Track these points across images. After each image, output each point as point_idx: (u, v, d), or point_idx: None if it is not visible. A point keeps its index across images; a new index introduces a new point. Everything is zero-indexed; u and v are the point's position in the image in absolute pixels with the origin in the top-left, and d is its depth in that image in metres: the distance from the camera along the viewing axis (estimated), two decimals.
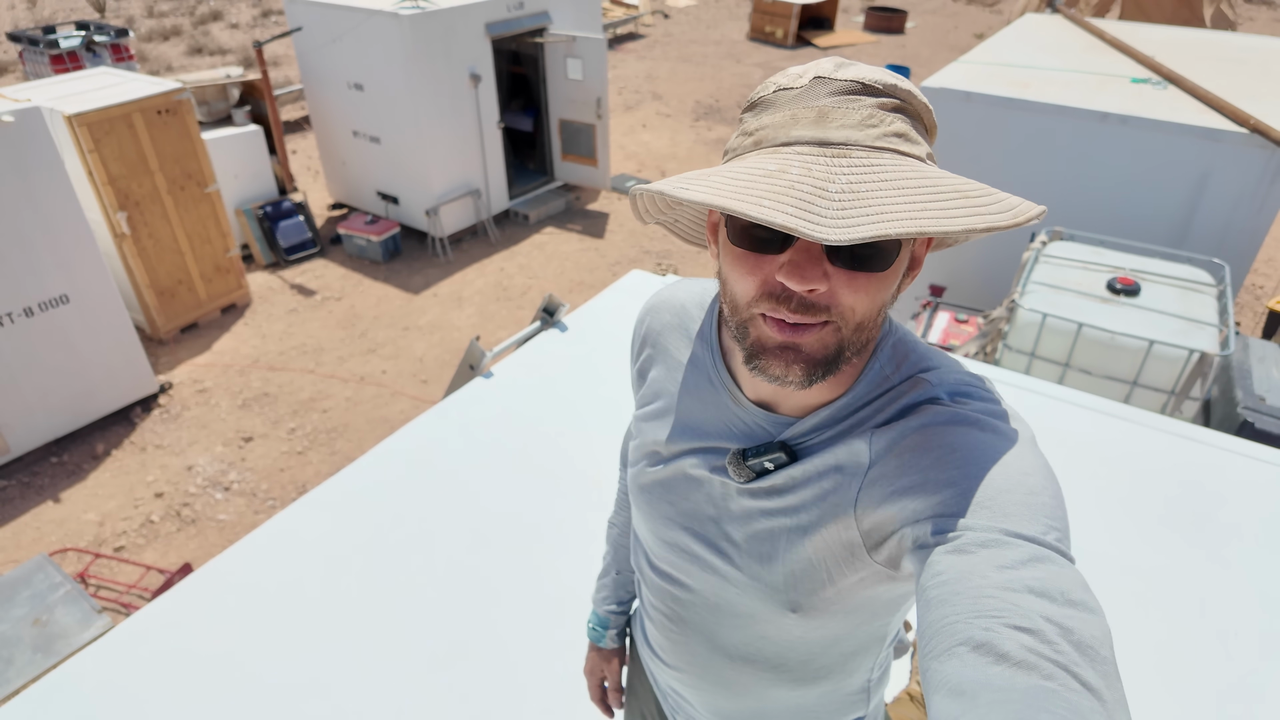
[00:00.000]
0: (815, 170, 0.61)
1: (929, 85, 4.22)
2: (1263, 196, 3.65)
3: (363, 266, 7.05)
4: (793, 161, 0.62)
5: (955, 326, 3.93)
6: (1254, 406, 2.91)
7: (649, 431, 0.93)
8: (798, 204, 0.58)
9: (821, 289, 0.65)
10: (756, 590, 0.83)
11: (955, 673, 0.53)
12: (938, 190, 0.60)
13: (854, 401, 0.76)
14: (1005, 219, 0.59)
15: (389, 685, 1.62)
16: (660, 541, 0.93)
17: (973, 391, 0.74)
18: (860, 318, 0.67)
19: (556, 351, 2.62)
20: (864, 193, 0.59)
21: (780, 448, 0.77)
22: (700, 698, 1.00)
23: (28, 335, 4.56)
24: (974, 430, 0.68)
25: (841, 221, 0.56)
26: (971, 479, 0.64)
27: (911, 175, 0.61)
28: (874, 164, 0.62)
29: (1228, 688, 1.60)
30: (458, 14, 6.47)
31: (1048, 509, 0.63)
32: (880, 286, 0.67)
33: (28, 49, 8.41)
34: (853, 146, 0.63)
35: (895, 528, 0.69)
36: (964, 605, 0.56)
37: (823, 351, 0.68)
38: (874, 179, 0.60)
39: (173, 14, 15.49)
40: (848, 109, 0.65)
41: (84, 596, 3.18)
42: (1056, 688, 0.50)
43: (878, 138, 0.64)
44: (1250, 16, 15.54)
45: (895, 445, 0.71)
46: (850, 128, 0.64)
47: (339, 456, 4.89)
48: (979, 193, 0.61)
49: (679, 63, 12.72)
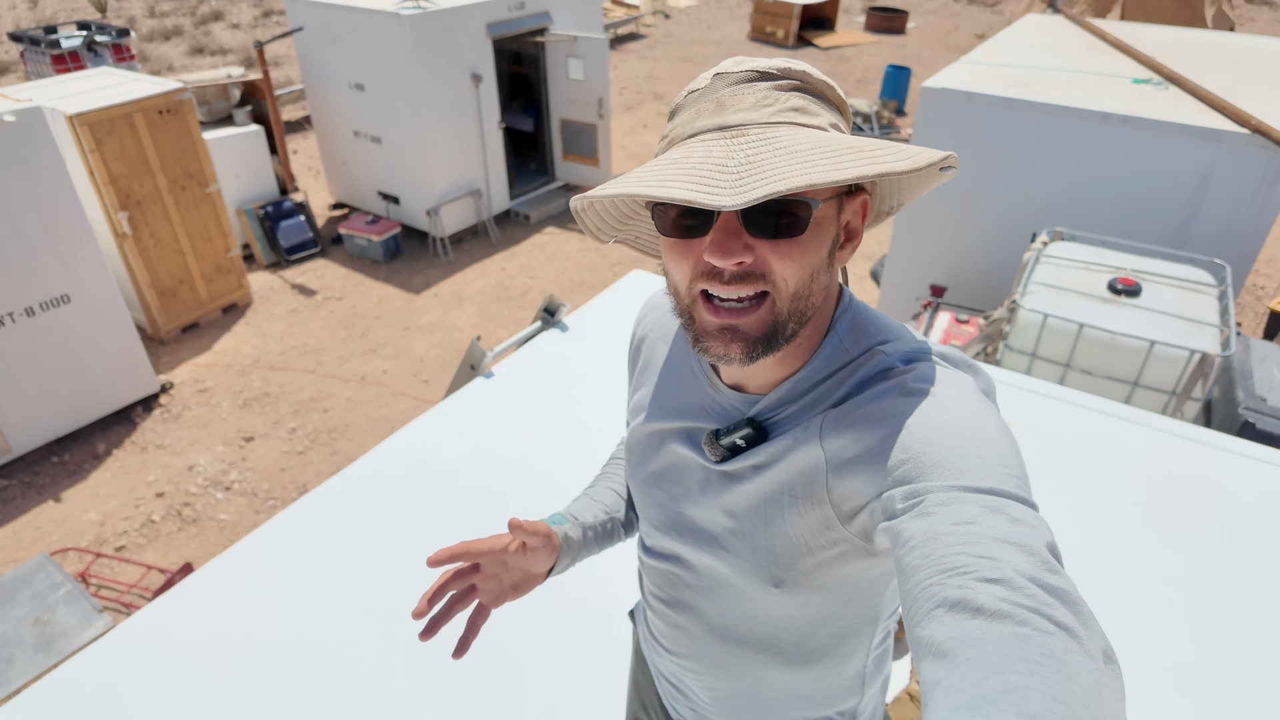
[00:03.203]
0: (715, 151, 0.66)
1: (930, 85, 4.22)
2: (1264, 197, 3.65)
3: (364, 266, 7.05)
4: (695, 148, 0.68)
5: (956, 327, 3.93)
6: (1255, 407, 2.91)
7: (640, 424, 0.97)
8: (698, 181, 0.63)
9: (747, 260, 0.69)
10: (742, 565, 0.85)
11: (935, 634, 0.54)
12: (831, 149, 0.65)
13: (813, 374, 0.79)
14: (902, 165, 0.63)
15: (389, 685, 1.62)
16: (654, 525, 0.97)
17: (926, 355, 0.77)
18: (794, 286, 0.71)
19: (557, 352, 2.62)
20: (759, 162, 0.64)
21: (748, 424, 0.81)
22: (700, 683, 1.02)
23: (29, 335, 4.56)
24: (923, 396, 0.71)
25: (739, 188, 0.61)
26: (925, 443, 0.67)
27: (806, 140, 0.66)
28: (770, 136, 0.67)
29: (1228, 688, 1.60)
30: (459, 14, 6.48)
31: (1001, 458, 0.65)
32: (804, 252, 0.70)
33: (29, 49, 8.42)
34: (750, 126, 0.69)
35: (863, 502, 0.72)
36: (935, 567, 0.57)
37: (760, 329, 0.72)
38: (770, 149, 0.65)
39: (174, 14, 15.50)
40: (743, 94, 0.70)
41: (85, 596, 3.18)
42: (1030, 632, 0.51)
43: (773, 114, 0.69)
44: (1251, 17, 15.53)
45: (854, 417, 0.74)
46: (746, 110, 0.70)
47: (340, 456, 4.89)
48: (876, 147, 0.66)
49: (680, 63, 12.72)
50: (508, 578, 0.97)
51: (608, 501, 1.13)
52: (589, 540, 1.07)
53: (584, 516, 1.07)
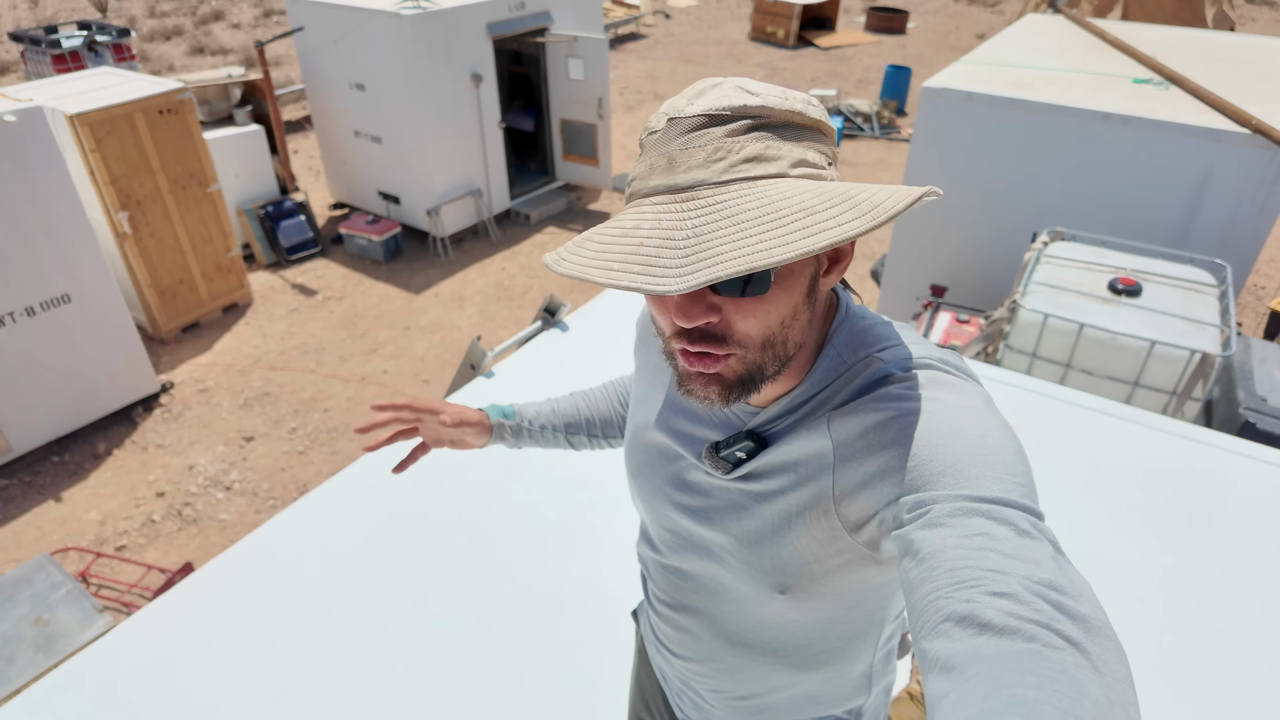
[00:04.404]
0: (665, 221, 0.65)
1: (930, 85, 4.22)
2: (1264, 197, 3.65)
3: (364, 266, 7.05)
4: (647, 215, 0.67)
5: (956, 327, 3.93)
6: (1255, 407, 2.91)
7: (640, 426, 0.98)
8: (643, 262, 0.62)
9: (714, 319, 0.69)
10: (747, 573, 0.86)
11: (943, 649, 0.54)
12: (780, 216, 0.62)
13: (812, 387, 0.79)
14: (857, 224, 0.61)
15: (389, 685, 1.62)
16: (658, 530, 0.97)
17: (924, 363, 0.76)
18: (762, 338, 0.71)
19: (558, 351, 2.62)
20: (706, 234, 0.62)
21: (748, 436, 0.81)
22: (707, 685, 1.02)
23: (29, 334, 4.56)
24: (926, 402, 0.71)
25: (684, 269, 0.60)
26: (931, 450, 0.67)
27: (754, 205, 0.63)
28: (719, 201, 0.64)
29: (1229, 688, 1.60)
30: (459, 14, 6.48)
31: (1008, 466, 0.64)
32: (769, 308, 0.69)
33: (30, 49, 8.42)
34: (701, 187, 0.66)
35: (871, 512, 0.72)
36: (943, 580, 0.57)
37: (735, 375, 0.72)
38: (717, 218, 0.63)
39: (174, 14, 15.50)
40: (694, 150, 0.67)
41: (85, 596, 3.19)
42: (1039, 648, 0.51)
43: (724, 170, 0.66)
44: (1251, 17, 15.52)
45: (855, 426, 0.74)
46: (696, 168, 0.67)
47: (340, 456, 4.89)
48: (838, 198, 0.63)
49: (680, 63, 12.72)
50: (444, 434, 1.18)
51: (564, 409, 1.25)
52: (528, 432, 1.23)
53: (528, 412, 1.24)
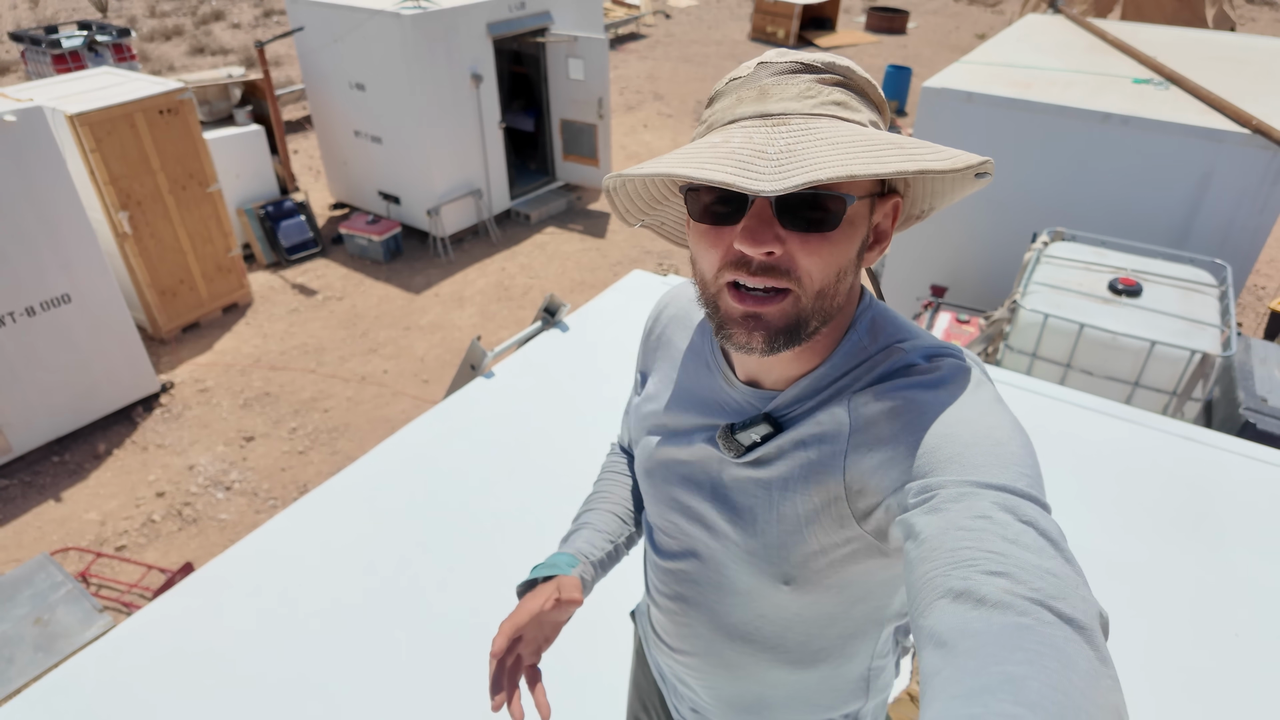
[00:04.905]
0: (755, 138, 0.66)
1: (930, 85, 4.22)
2: (1264, 197, 3.65)
3: (364, 266, 7.05)
4: (735, 134, 0.68)
5: (957, 327, 3.93)
6: (1256, 407, 2.91)
7: (652, 415, 0.97)
8: (737, 164, 0.63)
9: (777, 251, 0.68)
10: (753, 564, 0.85)
11: (937, 624, 0.54)
12: (871, 143, 0.65)
13: (832, 371, 0.79)
14: (941, 164, 0.63)
15: (389, 685, 1.62)
16: (665, 520, 0.96)
17: (944, 354, 0.77)
18: (819, 283, 0.71)
19: (558, 352, 2.62)
20: (799, 151, 0.64)
21: (765, 419, 0.81)
22: (704, 681, 1.02)
23: (29, 334, 4.56)
24: (941, 392, 0.72)
25: (779, 175, 0.61)
26: (941, 438, 0.67)
27: (847, 133, 0.66)
28: (812, 127, 0.67)
29: (1228, 688, 1.60)
30: (459, 14, 6.48)
31: (1016, 457, 0.65)
32: (834, 249, 0.70)
33: (30, 49, 8.42)
34: (792, 115, 0.69)
35: (880, 498, 0.72)
36: (942, 559, 0.58)
37: (783, 320, 0.72)
38: (810, 139, 0.65)
39: (175, 14, 15.50)
40: (787, 84, 0.70)
41: (85, 596, 3.19)
42: (1031, 623, 0.51)
43: (815, 106, 0.69)
44: (1251, 17, 15.52)
45: (873, 410, 0.74)
46: (789, 99, 0.69)
47: (340, 456, 4.89)
48: (916, 146, 0.65)
49: (680, 63, 12.72)
50: (542, 634, 1.00)
51: (611, 530, 1.11)
52: (598, 575, 1.08)
53: (593, 554, 1.07)
